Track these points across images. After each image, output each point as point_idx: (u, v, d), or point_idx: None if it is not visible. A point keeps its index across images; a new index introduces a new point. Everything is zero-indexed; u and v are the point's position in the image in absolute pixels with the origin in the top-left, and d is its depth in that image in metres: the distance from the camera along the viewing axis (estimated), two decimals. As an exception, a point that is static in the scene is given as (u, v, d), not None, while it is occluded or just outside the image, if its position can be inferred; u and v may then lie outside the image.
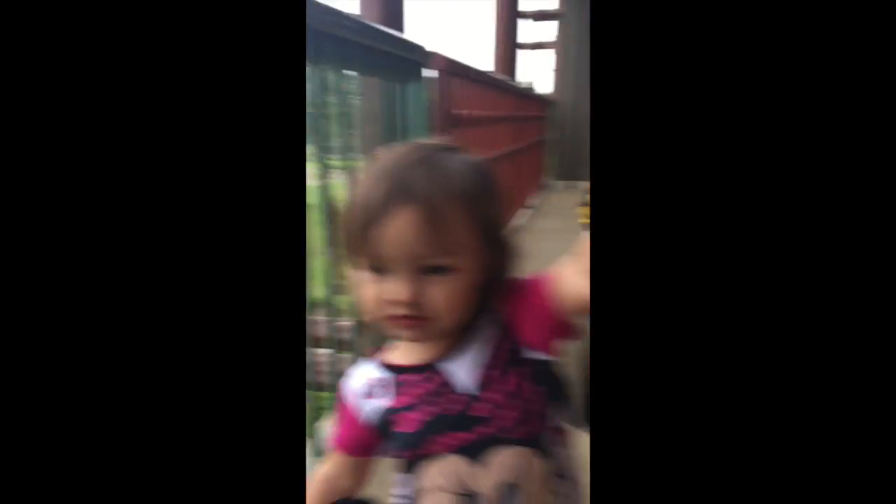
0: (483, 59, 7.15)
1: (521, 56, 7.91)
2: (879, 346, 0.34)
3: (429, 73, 2.17)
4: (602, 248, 0.40)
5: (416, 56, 2.00)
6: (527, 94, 5.66)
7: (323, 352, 1.61)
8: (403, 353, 0.66)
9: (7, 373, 0.35)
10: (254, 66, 0.40)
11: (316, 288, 1.44)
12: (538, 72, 8.43)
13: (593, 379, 0.40)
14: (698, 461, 0.37)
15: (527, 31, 8.17)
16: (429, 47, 2.18)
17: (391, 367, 0.66)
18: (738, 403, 0.37)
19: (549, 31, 8.53)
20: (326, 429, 1.51)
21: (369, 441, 0.67)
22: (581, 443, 0.67)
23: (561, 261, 0.59)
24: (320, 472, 0.71)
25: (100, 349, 0.37)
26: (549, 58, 8.81)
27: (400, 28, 1.99)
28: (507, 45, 7.27)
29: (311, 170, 1.42)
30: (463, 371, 0.61)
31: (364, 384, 0.67)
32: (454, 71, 2.61)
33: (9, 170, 0.35)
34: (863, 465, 0.35)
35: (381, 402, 0.65)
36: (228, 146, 0.39)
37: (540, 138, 6.42)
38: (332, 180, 1.43)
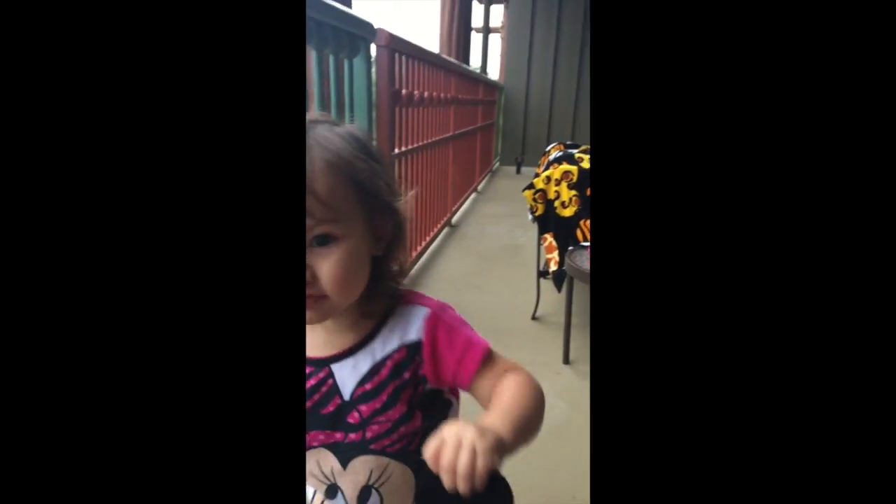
0: (436, 41, 7.04)
1: (474, 39, 7.90)
2: (879, 346, 0.34)
3: (375, 49, 2.12)
4: (602, 240, 0.40)
5: (362, 31, 1.94)
6: (476, 77, 5.63)
7: None
8: (310, 340, 0.64)
9: (7, 373, 0.35)
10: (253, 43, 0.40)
11: None
12: (488, 55, 8.50)
13: (593, 378, 0.40)
14: (698, 463, 0.37)
15: (478, 14, 8.11)
16: (377, 24, 2.12)
17: None
18: (738, 403, 0.37)
19: (498, 14, 8.54)
20: None
21: None
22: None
23: (498, 398, 0.59)
24: None
25: (98, 338, 0.37)
26: (498, 42, 8.83)
27: (348, 4, 1.94)
28: (460, 28, 7.22)
29: None
30: (348, 374, 0.63)
31: None
32: (401, 49, 2.55)
33: (6, 167, 0.34)
34: (863, 465, 0.35)
35: None
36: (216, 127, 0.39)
37: (488, 123, 6.43)
38: None
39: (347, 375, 0.62)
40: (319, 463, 0.65)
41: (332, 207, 0.55)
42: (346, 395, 0.62)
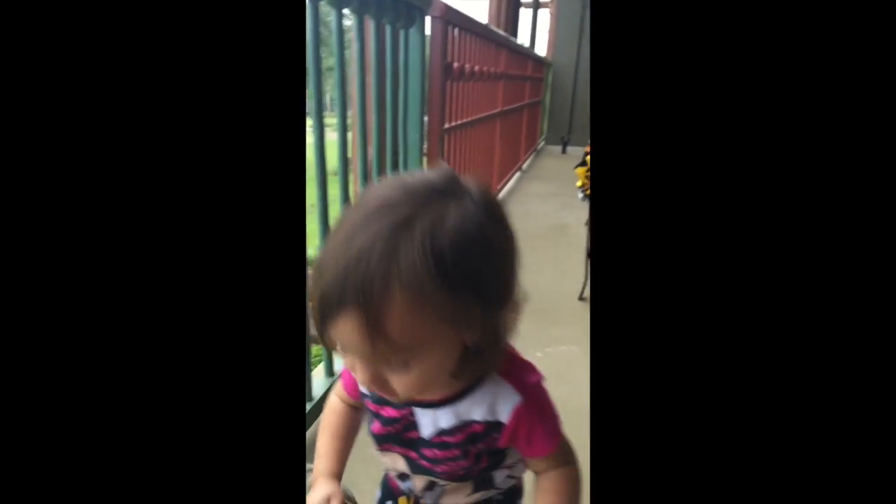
0: (484, 15, 6.92)
1: (522, 14, 7.73)
2: (879, 346, 0.34)
3: (429, 20, 2.09)
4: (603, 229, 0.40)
5: (418, 1, 1.91)
6: (525, 52, 5.52)
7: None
8: None
9: (7, 373, 0.35)
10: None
11: (309, 247, 1.45)
12: (537, 31, 8.30)
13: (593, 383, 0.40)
14: (698, 463, 0.37)
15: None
16: (431, -7, 2.08)
17: None
18: (739, 403, 0.37)
19: (549, -11, 8.32)
20: (317, 378, 1.51)
21: (359, 392, 0.71)
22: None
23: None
24: (333, 397, 0.77)
25: (100, 322, 0.37)
26: (546, 18, 8.62)
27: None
28: (510, 1, 7.07)
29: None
30: (428, 421, 0.64)
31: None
32: (455, 20, 2.51)
33: (6, 167, 0.34)
34: (862, 465, 0.35)
35: (364, 388, 0.67)
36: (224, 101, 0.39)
37: (535, 100, 6.32)
38: (326, 138, 1.39)
39: (428, 422, 0.63)
40: (394, 461, 0.70)
41: (405, 348, 0.48)
42: (425, 434, 0.64)
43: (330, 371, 1.62)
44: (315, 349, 1.86)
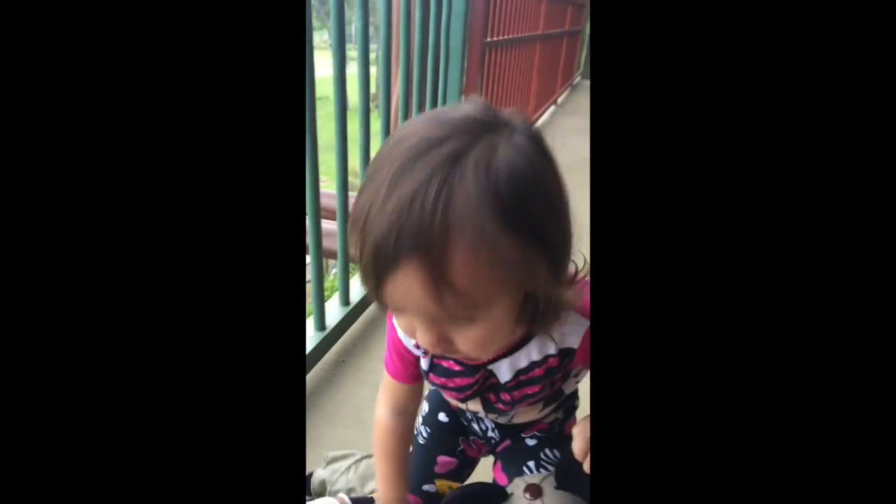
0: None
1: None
2: (879, 346, 0.34)
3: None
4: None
5: None
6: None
7: (331, 223, 1.55)
8: None
9: (7, 373, 0.35)
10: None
11: (328, 182, 1.37)
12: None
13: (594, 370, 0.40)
14: (698, 463, 0.37)
15: None
16: None
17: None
18: (740, 403, 0.36)
19: None
20: (333, 307, 1.43)
21: (417, 373, 0.69)
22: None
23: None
24: (381, 409, 0.74)
25: (97, 293, 0.37)
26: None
27: None
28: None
29: (326, 59, 1.27)
30: (505, 368, 0.63)
31: (406, 335, 0.64)
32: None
33: (7, 168, 0.35)
34: (862, 465, 0.35)
35: (425, 364, 0.66)
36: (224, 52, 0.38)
37: (575, 28, 5.97)
38: (347, 71, 1.27)
39: (505, 370, 0.63)
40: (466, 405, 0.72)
41: (472, 301, 0.44)
42: (504, 380, 0.64)
43: (345, 300, 1.54)
44: (329, 282, 1.82)
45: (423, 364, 0.66)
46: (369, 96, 1.39)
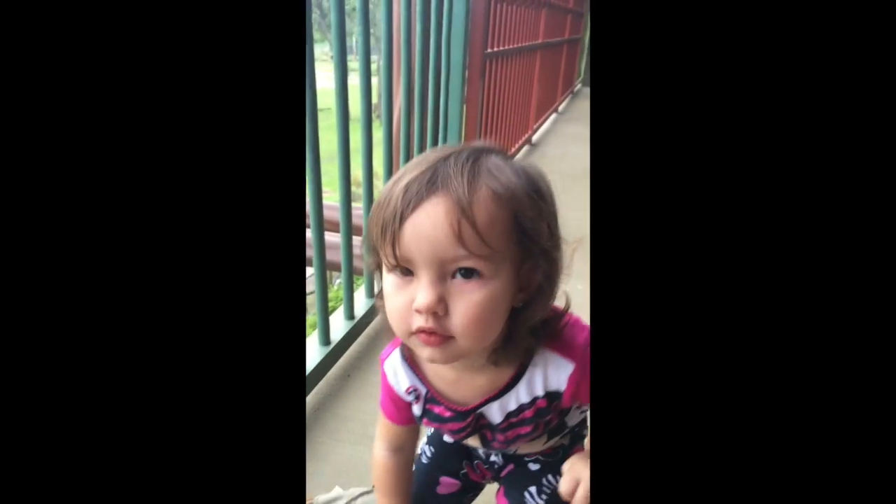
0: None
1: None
2: (879, 346, 0.34)
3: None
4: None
5: None
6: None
7: (334, 235, 1.55)
8: (453, 390, 0.65)
9: (7, 373, 0.35)
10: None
11: (330, 192, 1.37)
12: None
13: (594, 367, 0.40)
14: (698, 464, 0.37)
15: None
16: None
17: (423, 380, 0.66)
18: (741, 403, 0.36)
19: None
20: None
21: (412, 415, 0.69)
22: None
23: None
24: (379, 448, 0.75)
25: (94, 278, 0.36)
26: (591, -50, 8.09)
27: None
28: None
29: (327, 71, 1.27)
30: (496, 411, 0.64)
31: (398, 379, 0.67)
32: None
33: (6, 168, 0.35)
34: (862, 465, 0.35)
35: (417, 410, 0.67)
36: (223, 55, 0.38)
37: (575, 37, 5.98)
38: (349, 83, 1.28)
39: (496, 412, 0.64)
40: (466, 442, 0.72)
41: (486, 241, 0.48)
42: (496, 422, 0.65)
43: (350, 314, 1.53)
44: (333, 292, 1.81)
45: (416, 410, 0.67)
46: (371, 106, 1.39)
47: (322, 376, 1.38)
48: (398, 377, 0.66)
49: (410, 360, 0.65)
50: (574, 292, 0.63)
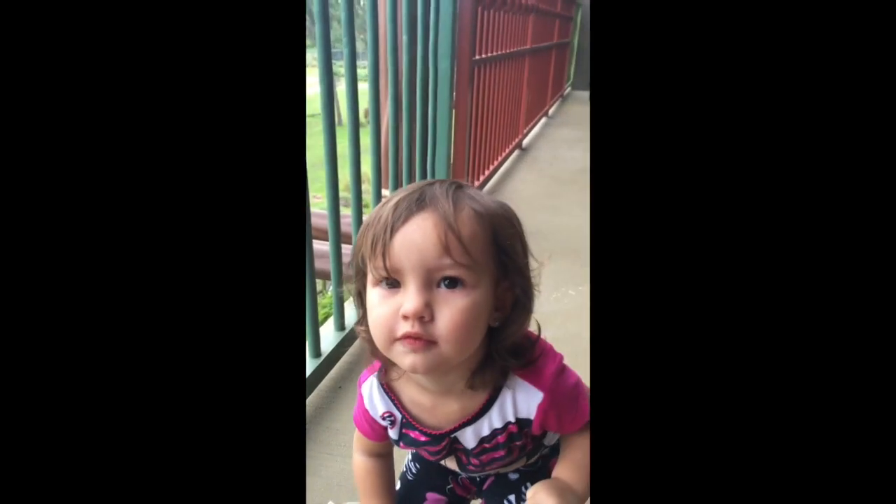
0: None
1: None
2: (879, 346, 0.34)
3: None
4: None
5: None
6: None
7: (322, 244, 1.54)
8: (428, 414, 0.66)
9: (7, 373, 0.35)
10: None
11: (318, 200, 1.36)
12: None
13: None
14: (698, 464, 0.37)
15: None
16: None
17: (399, 406, 0.68)
18: (741, 403, 0.36)
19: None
20: (328, 332, 1.40)
21: (384, 432, 0.72)
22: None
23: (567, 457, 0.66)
24: (357, 455, 0.77)
25: (95, 276, 0.36)
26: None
27: None
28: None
29: (314, 77, 1.26)
30: (469, 436, 0.66)
31: (374, 404, 0.69)
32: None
33: (7, 169, 0.35)
34: (862, 465, 0.35)
35: (394, 434, 0.70)
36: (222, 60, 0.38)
37: (563, 41, 6.00)
38: (336, 88, 1.25)
39: (469, 437, 0.66)
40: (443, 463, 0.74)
41: (469, 252, 0.53)
42: (469, 446, 0.67)
43: (340, 325, 1.51)
44: (326, 298, 1.80)
45: (392, 434, 0.69)
46: (359, 112, 1.38)
47: (313, 388, 1.36)
48: (374, 402, 0.69)
49: (387, 387, 0.67)
50: (566, 297, 0.66)
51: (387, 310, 0.53)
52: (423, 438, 0.67)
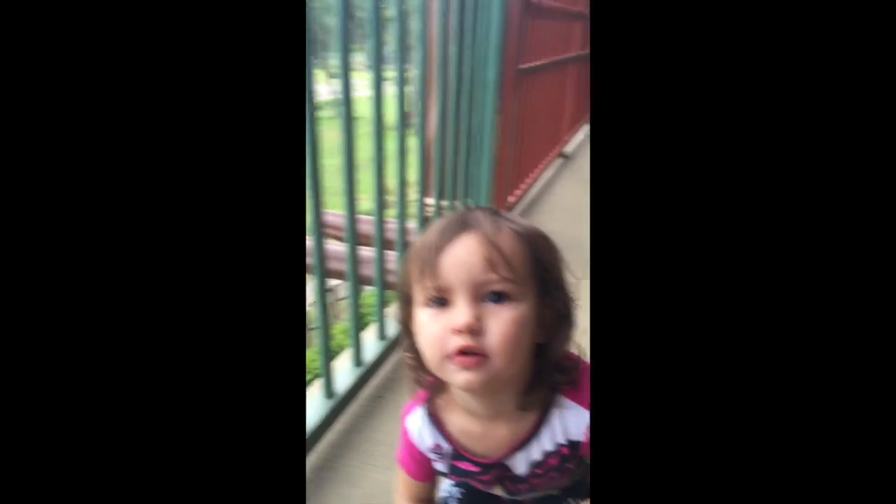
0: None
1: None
2: (879, 346, 0.34)
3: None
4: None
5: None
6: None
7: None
8: (480, 444, 0.67)
9: (7, 373, 0.35)
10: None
11: (365, 200, 1.36)
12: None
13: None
14: (698, 465, 0.37)
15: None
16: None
17: (447, 437, 0.68)
18: (742, 403, 0.36)
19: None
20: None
21: (431, 470, 0.72)
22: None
23: None
24: (399, 499, 0.78)
25: (98, 280, 0.36)
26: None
27: None
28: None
29: (364, 80, 1.28)
30: (521, 461, 0.66)
31: (422, 437, 0.70)
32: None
33: (8, 168, 0.35)
34: (862, 465, 0.35)
35: (443, 467, 0.70)
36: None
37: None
38: (384, 91, 1.27)
39: (521, 463, 0.66)
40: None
41: (513, 268, 0.55)
42: (521, 473, 0.67)
43: (382, 334, 1.49)
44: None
45: (441, 467, 0.70)
46: (405, 115, 1.38)
47: (353, 398, 1.35)
48: (422, 435, 0.69)
49: (435, 417, 0.67)
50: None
51: (438, 327, 0.55)
52: (473, 469, 0.67)
